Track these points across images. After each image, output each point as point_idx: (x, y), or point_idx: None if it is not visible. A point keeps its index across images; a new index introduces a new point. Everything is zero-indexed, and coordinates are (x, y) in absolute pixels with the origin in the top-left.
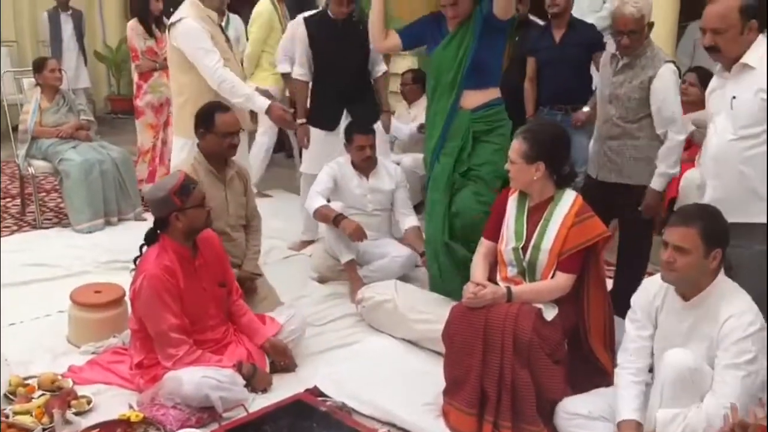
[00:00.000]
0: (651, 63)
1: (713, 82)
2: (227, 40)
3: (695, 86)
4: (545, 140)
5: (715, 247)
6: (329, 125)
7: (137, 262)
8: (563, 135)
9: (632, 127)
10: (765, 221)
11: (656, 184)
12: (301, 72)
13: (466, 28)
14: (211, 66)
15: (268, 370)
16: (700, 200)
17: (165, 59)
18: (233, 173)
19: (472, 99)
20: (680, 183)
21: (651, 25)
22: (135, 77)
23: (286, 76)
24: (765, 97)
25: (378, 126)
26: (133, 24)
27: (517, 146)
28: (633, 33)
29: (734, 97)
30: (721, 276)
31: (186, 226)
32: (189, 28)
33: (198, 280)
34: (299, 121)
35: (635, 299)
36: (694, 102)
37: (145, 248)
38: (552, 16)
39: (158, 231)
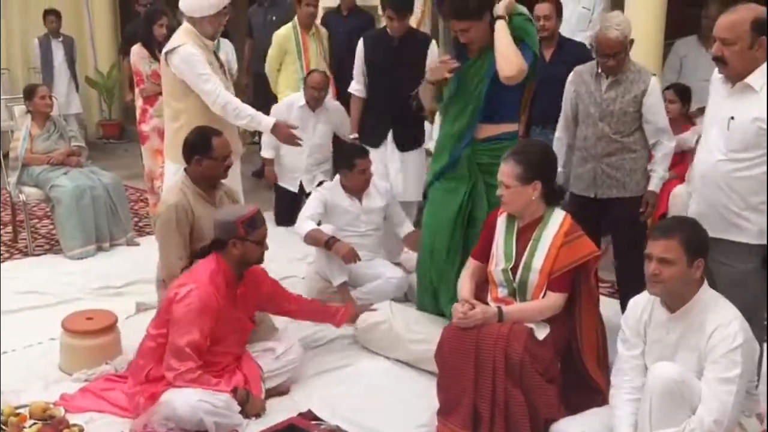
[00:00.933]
0: (639, 77)
1: (715, 87)
2: (221, 65)
3: (675, 102)
4: (537, 159)
5: (697, 256)
6: (372, 142)
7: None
8: (551, 152)
9: (629, 141)
10: (746, 241)
11: (655, 186)
12: (356, 87)
13: (485, 58)
14: (214, 91)
15: (263, 395)
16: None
17: None
18: (222, 194)
19: (484, 131)
20: (669, 199)
21: (632, 42)
22: (139, 102)
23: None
24: (763, 126)
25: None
26: (137, 49)
27: (509, 170)
28: (618, 54)
29: (732, 118)
30: (705, 286)
31: (240, 255)
32: (188, 54)
33: (234, 307)
34: (351, 135)
35: (624, 319)
36: (675, 119)
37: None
38: (540, 39)
39: (212, 250)
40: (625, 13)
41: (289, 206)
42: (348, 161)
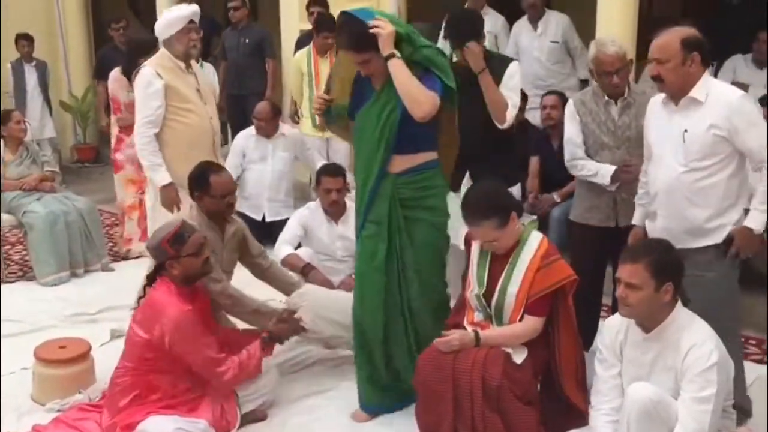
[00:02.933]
0: (646, 99)
1: (655, 111)
2: (198, 89)
3: None
4: (497, 200)
5: (665, 280)
6: (452, 185)
7: (141, 302)
8: (499, 185)
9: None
10: (712, 243)
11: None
12: None
13: (391, 87)
14: (140, 120)
15: (238, 421)
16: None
17: None
18: (234, 229)
19: (400, 163)
20: None
21: (632, 61)
22: (114, 130)
23: None
24: (718, 132)
25: None
26: (116, 75)
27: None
28: (620, 71)
29: (686, 131)
30: (679, 306)
31: (181, 273)
32: (141, 76)
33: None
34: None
35: (600, 340)
36: None
37: (148, 289)
38: (546, 128)
39: (156, 276)
40: (597, 35)
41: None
42: (317, 178)
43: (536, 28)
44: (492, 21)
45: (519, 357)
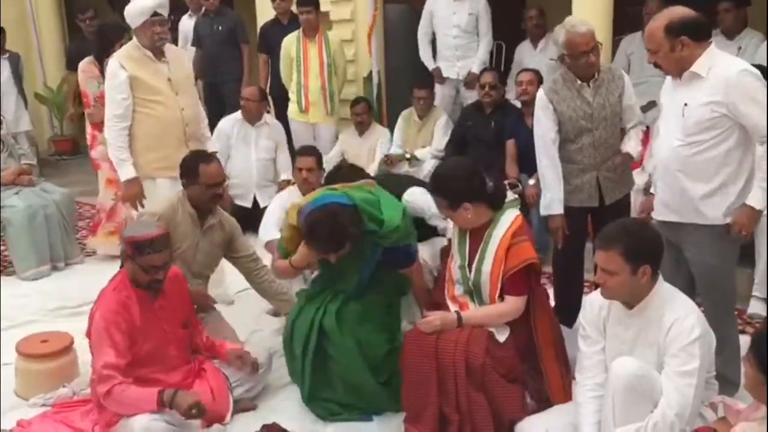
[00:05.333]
0: (613, 76)
1: (666, 84)
2: (170, 78)
3: None
4: (448, 184)
5: (641, 263)
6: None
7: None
8: (465, 168)
9: (619, 139)
10: (710, 224)
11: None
12: None
13: (354, 260)
14: (108, 113)
15: (231, 408)
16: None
17: None
18: (214, 223)
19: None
20: None
21: (601, 45)
22: (88, 127)
23: None
24: (716, 107)
25: None
26: (85, 66)
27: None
28: (594, 49)
29: (686, 104)
30: (660, 281)
31: (131, 274)
32: (108, 69)
33: (158, 320)
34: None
35: (582, 316)
36: None
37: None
38: (523, 103)
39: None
40: (573, 10)
41: (242, 221)
42: (293, 157)
43: (536, 47)
44: (472, 3)
45: (502, 336)
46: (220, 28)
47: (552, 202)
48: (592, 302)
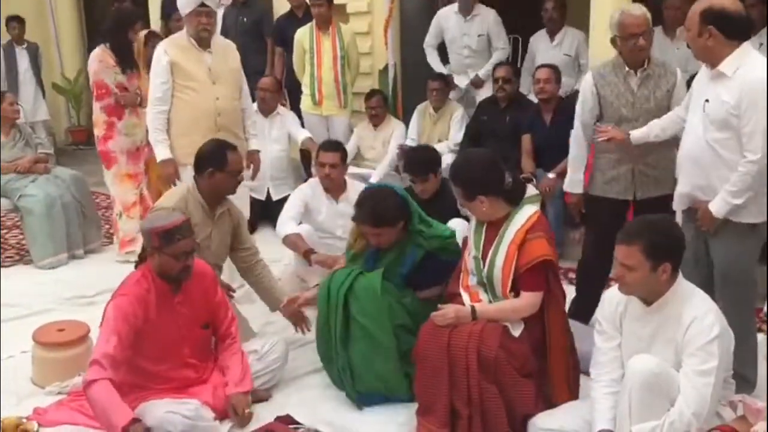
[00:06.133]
0: (664, 71)
1: (699, 74)
2: (210, 68)
3: None
4: (466, 174)
5: (662, 261)
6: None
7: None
8: (483, 161)
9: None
10: (735, 220)
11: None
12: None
13: (399, 250)
14: (150, 96)
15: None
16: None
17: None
18: (224, 211)
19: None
20: None
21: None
22: (102, 117)
23: None
24: (730, 109)
25: None
26: (99, 55)
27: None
28: (645, 33)
29: (707, 101)
30: (680, 279)
31: (157, 267)
32: (154, 55)
33: (174, 317)
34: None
35: (599, 312)
36: None
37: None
38: (541, 100)
39: (143, 258)
40: (592, 5)
41: (257, 214)
42: (316, 153)
43: (553, 40)
44: (481, 22)
45: (516, 330)
46: (245, 19)
47: (571, 181)
48: (610, 298)
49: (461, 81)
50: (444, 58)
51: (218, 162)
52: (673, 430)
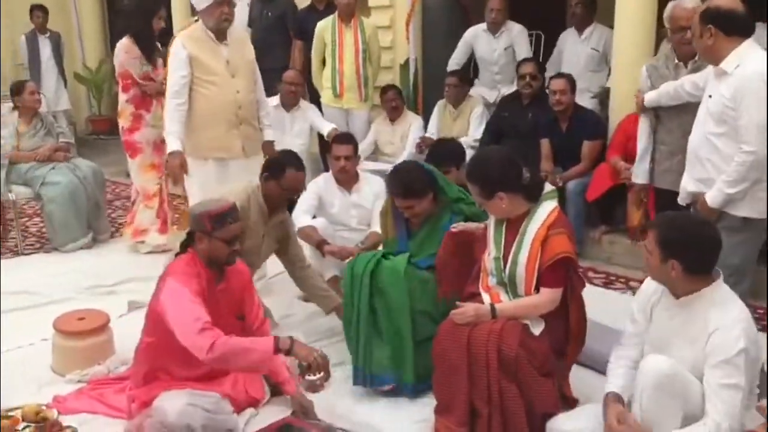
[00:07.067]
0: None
1: (707, 71)
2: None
3: None
4: (483, 172)
5: (670, 257)
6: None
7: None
8: (500, 157)
9: None
10: (734, 214)
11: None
12: None
13: (432, 228)
14: (167, 89)
15: (267, 395)
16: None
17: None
18: (278, 222)
19: None
20: None
21: None
22: (129, 108)
23: None
24: (728, 104)
25: None
26: (126, 45)
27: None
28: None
29: (710, 96)
30: (716, 284)
31: (206, 252)
32: (172, 48)
33: (215, 304)
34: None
35: (635, 298)
36: None
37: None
38: (557, 111)
39: (189, 243)
40: (617, 2)
41: None
42: (329, 146)
43: (581, 34)
44: (508, 35)
45: (536, 329)
46: (269, 13)
47: (637, 170)
48: (647, 286)
49: (491, 96)
50: (474, 74)
51: (276, 173)
52: None
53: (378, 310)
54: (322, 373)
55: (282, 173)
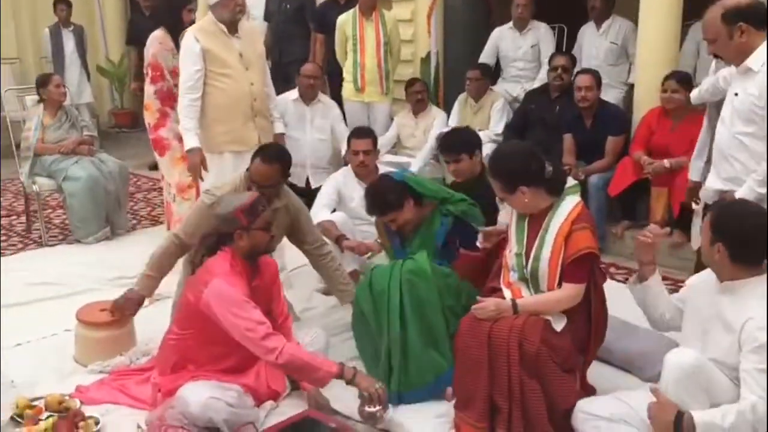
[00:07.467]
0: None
1: (731, 70)
2: (241, 54)
3: (678, 92)
4: (505, 166)
5: (717, 239)
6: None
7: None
8: (522, 151)
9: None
10: None
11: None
12: None
13: (424, 236)
14: (181, 84)
15: (288, 389)
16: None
17: None
18: (280, 206)
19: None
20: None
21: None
22: (155, 104)
23: None
24: (755, 101)
25: None
26: (160, 37)
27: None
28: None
29: (736, 95)
30: (763, 277)
31: (248, 245)
32: (183, 41)
33: (252, 298)
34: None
35: (690, 279)
36: (677, 108)
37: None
38: (582, 107)
39: (219, 244)
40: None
41: None
42: (348, 140)
43: (599, 28)
44: (534, 34)
45: (558, 324)
46: (288, 6)
47: (693, 167)
48: (706, 271)
49: (514, 90)
50: (497, 72)
51: (251, 162)
52: (743, 419)
53: (411, 321)
54: (380, 406)
55: (251, 163)
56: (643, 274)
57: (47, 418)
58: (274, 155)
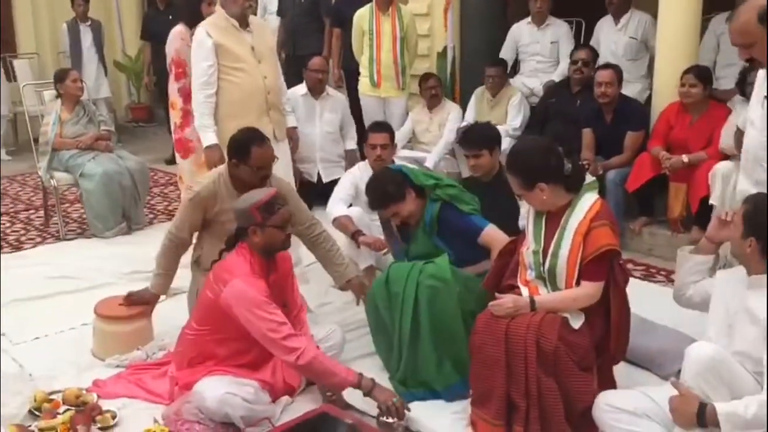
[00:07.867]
0: None
1: (761, 73)
2: (253, 47)
3: (696, 86)
4: (524, 162)
5: (750, 234)
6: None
7: (215, 265)
8: (541, 147)
9: None
10: None
11: None
12: None
13: (426, 234)
14: (194, 81)
15: (303, 385)
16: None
17: None
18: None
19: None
20: (709, 179)
21: None
22: (178, 102)
23: None
24: None
25: None
26: (182, 33)
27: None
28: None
29: (765, 97)
30: None
31: (262, 242)
32: (195, 36)
33: (270, 293)
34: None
35: (722, 272)
36: (696, 103)
37: (225, 253)
38: (602, 103)
39: (237, 240)
40: None
41: (306, 195)
42: (366, 134)
43: (617, 23)
44: (553, 32)
45: (576, 322)
46: (302, 0)
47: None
48: (736, 269)
49: (531, 83)
50: (515, 68)
51: (241, 155)
52: (765, 410)
53: (424, 326)
54: (396, 419)
55: (248, 154)
56: (705, 247)
57: (65, 411)
58: (259, 136)
